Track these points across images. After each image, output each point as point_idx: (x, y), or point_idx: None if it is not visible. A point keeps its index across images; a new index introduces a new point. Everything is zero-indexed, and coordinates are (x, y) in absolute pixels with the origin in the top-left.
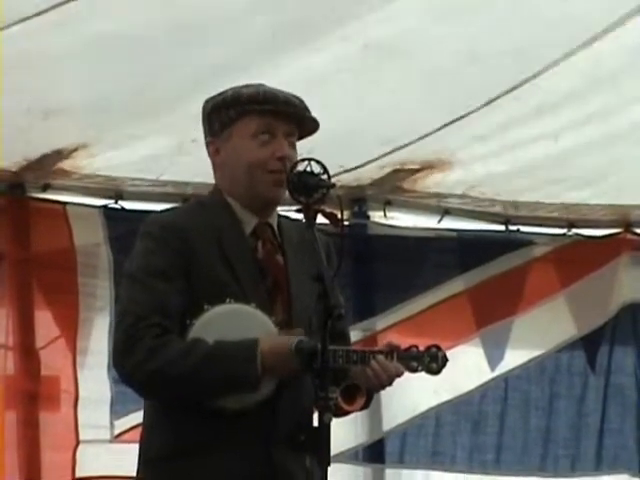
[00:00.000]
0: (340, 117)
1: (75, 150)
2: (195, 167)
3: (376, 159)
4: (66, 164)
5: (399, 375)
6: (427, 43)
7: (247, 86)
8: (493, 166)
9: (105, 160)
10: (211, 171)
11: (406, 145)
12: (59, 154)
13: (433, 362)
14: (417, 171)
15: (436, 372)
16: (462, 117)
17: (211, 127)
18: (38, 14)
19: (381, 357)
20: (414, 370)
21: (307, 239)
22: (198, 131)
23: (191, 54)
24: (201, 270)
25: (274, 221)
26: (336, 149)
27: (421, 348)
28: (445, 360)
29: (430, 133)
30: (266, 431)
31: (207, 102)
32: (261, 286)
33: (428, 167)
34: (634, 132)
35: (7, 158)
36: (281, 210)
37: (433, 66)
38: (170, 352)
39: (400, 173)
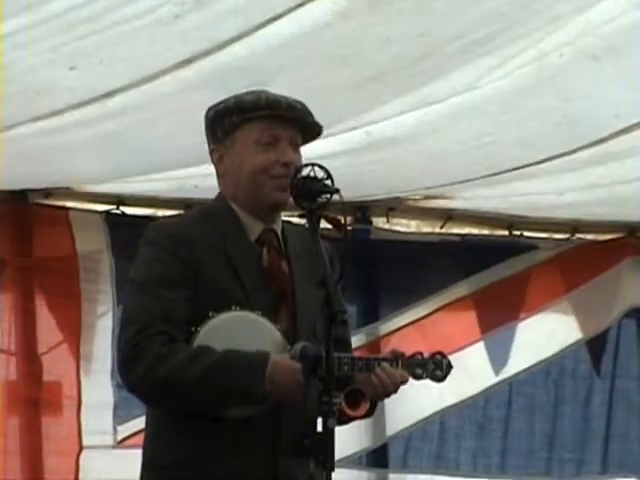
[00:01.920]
0: None
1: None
2: None
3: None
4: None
5: (404, 382)
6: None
7: (249, 93)
8: (496, 204)
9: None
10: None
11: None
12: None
13: (438, 369)
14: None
15: (441, 379)
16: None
17: (214, 135)
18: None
19: (386, 364)
20: (419, 377)
21: (311, 244)
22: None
23: None
24: (207, 278)
25: (279, 227)
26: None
27: (425, 355)
28: (449, 367)
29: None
30: (270, 437)
31: (209, 110)
32: (266, 293)
33: (431, 197)
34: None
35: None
36: (284, 215)
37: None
38: (175, 361)
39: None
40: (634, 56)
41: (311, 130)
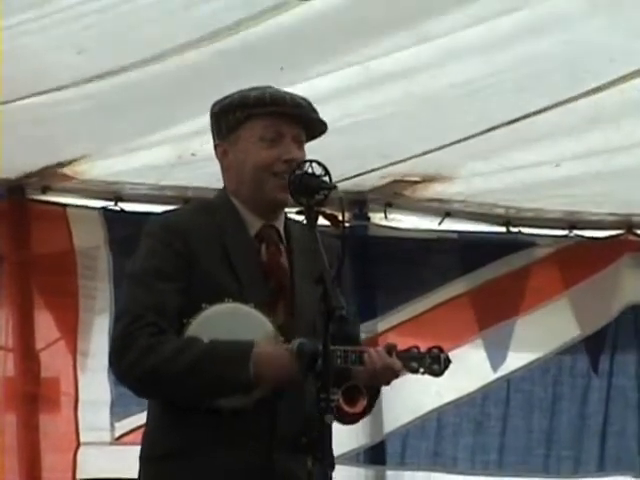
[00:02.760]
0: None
1: (76, 160)
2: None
3: (377, 169)
4: (66, 170)
5: (396, 369)
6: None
7: (254, 89)
8: (494, 182)
9: (105, 167)
10: (210, 175)
11: (407, 159)
12: (60, 165)
13: (435, 364)
14: (417, 182)
15: (438, 374)
16: (464, 139)
17: (219, 130)
18: None
19: (375, 350)
20: (414, 371)
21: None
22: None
23: None
24: (201, 271)
25: (280, 224)
26: (338, 161)
27: (423, 349)
28: (448, 362)
29: (431, 150)
30: (266, 432)
31: (214, 105)
32: (263, 288)
33: (428, 180)
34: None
35: (7, 170)
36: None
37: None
38: (164, 351)
39: (400, 183)
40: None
41: (315, 128)
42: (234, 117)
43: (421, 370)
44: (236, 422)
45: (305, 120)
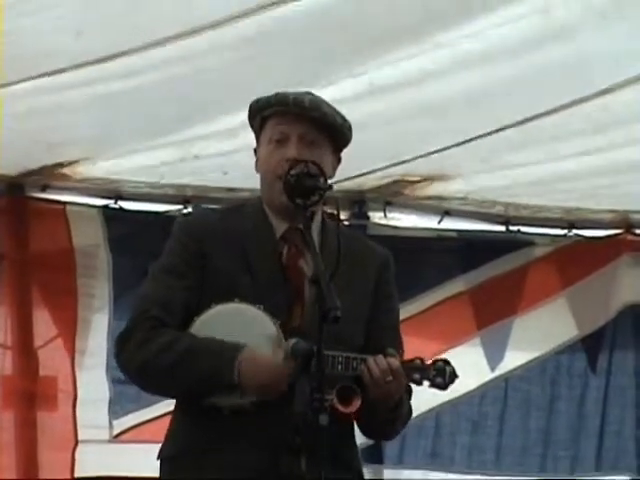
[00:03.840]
0: None
1: (76, 161)
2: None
3: (378, 170)
4: (66, 170)
5: (394, 368)
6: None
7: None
8: (495, 179)
9: (105, 168)
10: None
11: (408, 160)
12: (59, 165)
13: (439, 377)
14: (418, 182)
15: (442, 388)
16: (467, 141)
17: (254, 135)
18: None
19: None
20: (417, 382)
21: (359, 250)
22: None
23: None
24: (216, 271)
25: (314, 227)
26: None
27: (427, 361)
28: (454, 376)
29: (434, 152)
30: (264, 433)
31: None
32: (280, 291)
33: (429, 179)
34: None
35: (6, 166)
36: None
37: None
38: (156, 344)
39: (401, 183)
40: None
41: (325, 127)
42: (254, 123)
43: (423, 382)
44: (238, 422)
45: (307, 118)
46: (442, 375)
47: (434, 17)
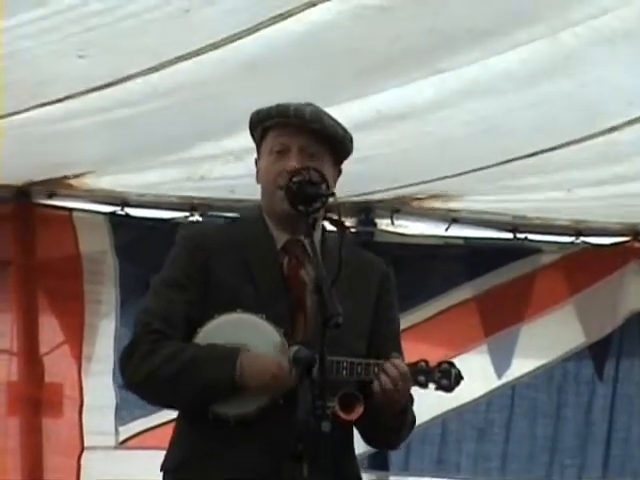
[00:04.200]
0: None
1: (83, 174)
2: None
3: (384, 190)
4: (73, 182)
5: (402, 372)
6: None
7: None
8: (500, 202)
9: (111, 181)
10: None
11: (415, 184)
12: (65, 177)
13: (444, 379)
14: (423, 199)
15: (448, 390)
16: (475, 170)
17: (255, 146)
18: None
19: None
20: (423, 385)
21: (360, 260)
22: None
23: None
24: (219, 283)
25: (314, 237)
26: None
27: (432, 363)
28: (459, 378)
29: (441, 178)
30: (267, 440)
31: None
32: (281, 301)
33: (435, 197)
34: None
35: (12, 178)
36: None
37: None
38: (160, 356)
39: (407, 198)
40: None
41: (326, 140)
42: (256, 132)
43: (429, 384)
44: (241, 430)
45: (308, 130)
46: (447, 377)
47: (441, 44)
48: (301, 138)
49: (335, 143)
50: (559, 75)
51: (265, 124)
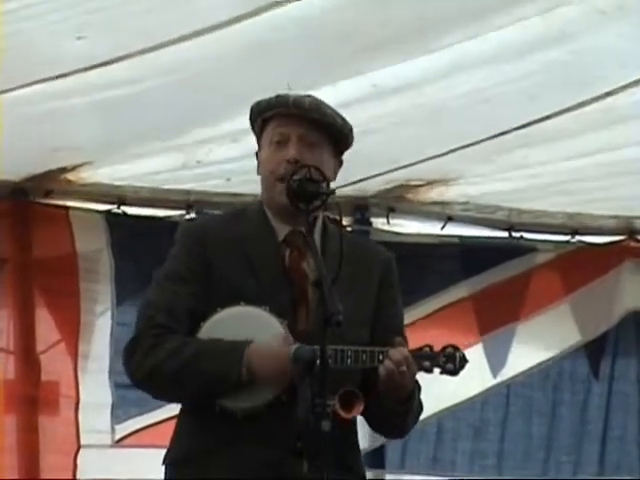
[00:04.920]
0: None
1: (80, 166)
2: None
3: (381, 174)
4: (69, 175)
5: (405, 356)
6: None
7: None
8: (498, 184)
9: (108, 174)
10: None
11: (412, 164)
12: (63, 170)
13: (449, 363)
14: (420, 186)
15: (454, 373)
16: (471, 145)
17: (256, 138)
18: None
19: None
20: (428, 370)
21: (362, 253)
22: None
23: None
24: (221, 276)
25: (316, 230)
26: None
27: (436, 349)
28: (464, 361)
29: (437, 156)
30: (270, 436)
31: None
32: (284, 293)
33: (431, 183)
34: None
35: (9, 172)
36: None
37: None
38: (164, 350)
39: (403, 187)
40: None
41: (325, 129)
42: (256, 124)
43: (435, 369)
44: (245, 425)
45: (307, 119)
46: (452, 361)
47: (434, 20)
48: (300, 127)
49: (334, 132)
50: (552, 44)
51: (265, 115)
